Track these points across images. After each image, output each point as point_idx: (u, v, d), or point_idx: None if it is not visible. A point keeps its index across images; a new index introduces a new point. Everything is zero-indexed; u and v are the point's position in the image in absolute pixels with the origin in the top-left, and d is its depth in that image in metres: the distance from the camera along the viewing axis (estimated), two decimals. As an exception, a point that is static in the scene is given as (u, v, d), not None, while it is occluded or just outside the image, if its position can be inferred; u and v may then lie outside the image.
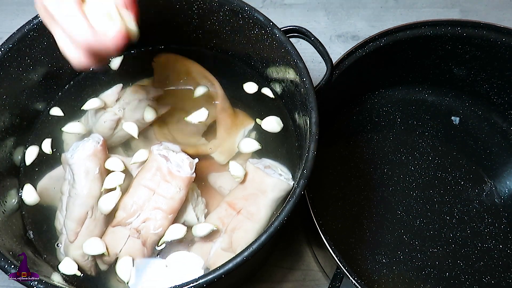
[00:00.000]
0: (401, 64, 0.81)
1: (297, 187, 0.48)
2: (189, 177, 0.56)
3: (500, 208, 0.76)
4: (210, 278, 0.44)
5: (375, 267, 0.71)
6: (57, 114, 0.65)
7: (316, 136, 0.50)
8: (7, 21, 0.97)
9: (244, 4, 0.59)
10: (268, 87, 0.67)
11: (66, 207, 0.55)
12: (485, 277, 0.71)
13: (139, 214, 0.55)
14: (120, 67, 0.69)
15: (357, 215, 0.75)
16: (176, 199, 0.55)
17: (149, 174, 0.56)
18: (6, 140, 0.60)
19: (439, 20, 0.74)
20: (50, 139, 0.63)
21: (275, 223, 0.46)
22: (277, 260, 0.75)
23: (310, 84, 0.54)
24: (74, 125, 0.62)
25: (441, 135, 0.82)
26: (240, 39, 0.65)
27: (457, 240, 0.73)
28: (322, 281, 0.74)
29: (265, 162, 0.61)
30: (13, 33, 0.57)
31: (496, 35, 0.73)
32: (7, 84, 0.58)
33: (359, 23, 0.99)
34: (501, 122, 0.83)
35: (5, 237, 0.52)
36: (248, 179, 0.58)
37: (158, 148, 0.58)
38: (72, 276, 0.54)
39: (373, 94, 0.85)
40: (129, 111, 0.64)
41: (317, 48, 0.62)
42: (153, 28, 0.68)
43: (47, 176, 0.61)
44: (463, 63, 0.79)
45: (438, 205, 0.76)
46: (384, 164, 0.79)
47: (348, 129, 0.83)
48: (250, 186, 0.58)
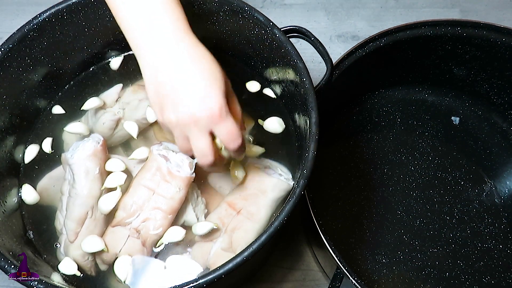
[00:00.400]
0: (401, 64, 0.81)
1: (297, 187, 0.48)
2: (189, 177, 0.56)
3: (500, 208, 0.76)
4: (210, 278, 0.44)
5: (375, 267, 0.71)
6: (58, 112, 0.65)
7: (316, 136, 0.50)
8: (7, 21, 0.97)
9: (244, 4, 0.59)
10: (268, 87, 0.67)
11: (66, 207, 0.55)
12: (485, 277, 0.71)
13: (139, 214, 0.55)
14: (120, 67, 0.69)
15: (357, 215, 0.75)
16: (176, 199, 0.55)
17: (149, 174, 0.56)
18: (6, 140, 0.60)
19: (439, 20, 0.74)
20: (50, 139, 0.63)
21: (275, 223, 0.46)
22: (277, 260, 0.75)
23: (310, 84, 0.54)
24: (76, 125, 0.62)
25: (441, 135, 0.82)
26: (240, 39, 0.65)
27: (457, 240, 0.73)
28: (322, 281, 0.74)
29: (265, 162, 0.61)
30: (13, 33, 0.57)
31: (496, 35, 0.73)
32: (7, 84, 0.58)
33: (359, 23, 0.99)
34: (501, 122, 0.83)
35: (5, 237, 0.52)
36: (248, 179, 0.58)
37: (158, 148, 0.58)
38: (72, 276, 0.54)
39: (373, 94, 0.85)
40: (129, 111, 0.64)
41: (317, 48, 0.62)
42: (153, 28, 0.68)
43: (47, 176, 0.61)
44: (463, 63, 0.79)
45: (438, 205, 0.76)
46: (384, 164, 0.79)
47: (348, 129, 0.83)
48: (250, 186, 0.58)
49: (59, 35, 0.61)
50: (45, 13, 0.58)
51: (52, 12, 0.58)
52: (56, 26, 0.60)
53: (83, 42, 0.65)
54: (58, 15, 0.59)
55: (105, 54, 0.69)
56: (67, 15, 0.60)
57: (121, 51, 0.70)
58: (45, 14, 0.58)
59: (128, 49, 0.70)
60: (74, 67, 0.67)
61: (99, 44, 0.67)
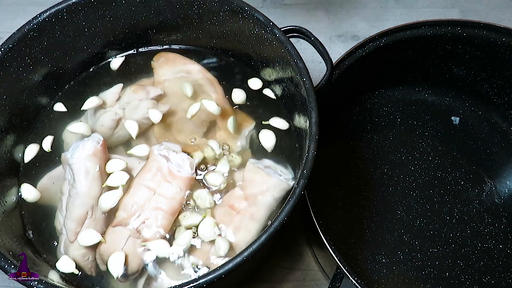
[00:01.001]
0: (401, 64, 0.81)
1: (297, 187, 0.48)
2: (189, 177, 0.56)
3: (500, 208, 0.76)
4: (210, 278, 0.44)
5: (375, 267, 0.71)
6: (60, 109, 0.65)
7: (316, 136, 0.50)
8: (7, 21, 0.97)
9: (244, 4, 0.59)
10: (268, 88, 0.67)
11: (66, 207, 0.55)
12: (485, 277, 0.71)
13: (140, 214, 0.55)
14: (120, 67, 0.69)
15: (357, 215, 0.75)
16: (177, 199, 0.55)
17: (150, 174, 0.56)
18: (6, 139, 0.60)
19: (439, 20, 0.74)
20: (51, 137, 0.63)
21: (275, 223, 0.46)
22: (277, 260, 0.75)
23: (310, 84, 0.54)
24: (79, 125, 0.62)
25: (441, 135, 0.82)
26: (240, 39, 0.65)
27: (457, 240, 0.73)
28: (322, 281, 0.74)
29: (265, 162, 0.61)
30: (13, 33, 0.57)
31: (496, 35, 0.73)
32: (7, 84, 0.58)
33: (359, 23, 0.99)
34: (501, 122, 0.83)
35: (5, 237, 0.52)
36: (248, 179, 0.58)
37: (159, 148, 0.58)
38: (71, 275, 0.54)
39: (373, 94, 0.85)
40: (129, 111, 0.63)
41: (317, 48, 0.62)
42: (153, 28, 0.68)
43: (47, 176, 0.61)
44: (463, 63, 0.79)
45: (438, 205, 0.76)
46: (384, 164, 0.79)
47: (348, 129, 0.83)
48: (250, 186, 0.58)
49: (59, 35, 0.61)
50: (45, 13, 0.58)
51: (52, 12, 0.59)
52: (56, 26, 0.60)
53: (83, 42, 0.65)
54: (58, 15, 0.59)
55: (105, 54, 0.69)
56: (67, 15, 0.60)
57: (121, 51, 0.70)
58: (45, 14, 0.58)
59: (128, 49, 0.70)
60: (74, 67, 0.67)
61: (99, 44, 0.67)
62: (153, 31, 0.69)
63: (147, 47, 0.71)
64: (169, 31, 0.69)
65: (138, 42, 0.70)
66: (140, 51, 0.71)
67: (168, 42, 0.71)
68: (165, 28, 0.68)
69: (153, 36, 0.70)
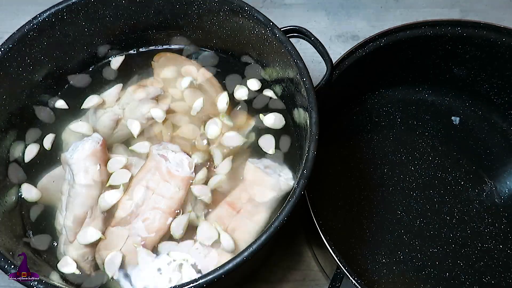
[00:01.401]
0: (401, 64, 0.81)
1: (297, 187, 0.48)
2: (188, 176, 0.56)
3: (500, 208, 0.76)
4: (210, 278, 0.44)
5: (375, 267, 0.71)
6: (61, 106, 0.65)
7: (316, 136, 0.50)
8: (7, 21, 0.97)
9: (244, 4, 0.59)
10: (268, 88, 0.67)
11: (66, 207, 0.55)
12: (485, 277, 0.71)
13: (139, 214, 0.55)
14: (120, 67, 0.69)
15: (357, 215, 0.75)
16: (175, 198, 0.55)
17: (149, 174, 0.56)
18: (6, 139, 0.60)
19: (439, 20, 0.74)
20: (52, 135, 0.63)
21: (275, 223, 0.46)
22: (277, 260, 0.75)
23: (310, 84, 0.54)
24: (80, 124, 0.62)
25: (441, 135, 0.82)
26: (240, 39, 0.65)
27: (457, 240, 0.73)
28: (322, 281, 0.74)
29: (265, 162, 0.61)
30: (13, 33, 0.57)
31: (496, 35, 0.73)
32: (7, 84, 0.58)
33: (359, 23, 0.99)
34: (501, 122, 0.82)
35: (5, 237, 0.52)
36: (248, 179, 0.58)
37: (158, 147, 0.58)
38: (71, 275, 0.54)
39: (373, 94, 0.85)
40: (129, 111, 0.63)
41: (317, 48, 0.62)
42: (153, 28, 0.68)
43: (47, 176, 0.61)
44: (463, 63, 0.79)
45: (438, 205, 0.76)
46: (384, 164, 0.79)
47: (348, 129, 0.83)
48: (250, 186, 0.58)
49: (59, 35, 0.61)
50: (45, 13, 0.58)
51: (52, 12, 0.59)
52: (56, 26, 0.60)
53: (83, 42, 0.65)
54: (58, 15, 0.59)
55: (105, 54, 0.69)
56: (67, 15, 0.60)
57: (121, 51, 0.70)
58: (45, 14, 0.58)
59: (128, 49, 0.70)
60: (74, 67, 0.67)
61: (99, 44, 0.67)
62: (153, 31, 0.69)
63: (147, 47, 0.71)
64: (169, 31, 0.69)
65: (138, 42, 0.70)
66: (140, 51, 0.71)
67: (168, 42, 0.71)
68: (165, 28, 0.68)
69: (153, 36, 0.70)
